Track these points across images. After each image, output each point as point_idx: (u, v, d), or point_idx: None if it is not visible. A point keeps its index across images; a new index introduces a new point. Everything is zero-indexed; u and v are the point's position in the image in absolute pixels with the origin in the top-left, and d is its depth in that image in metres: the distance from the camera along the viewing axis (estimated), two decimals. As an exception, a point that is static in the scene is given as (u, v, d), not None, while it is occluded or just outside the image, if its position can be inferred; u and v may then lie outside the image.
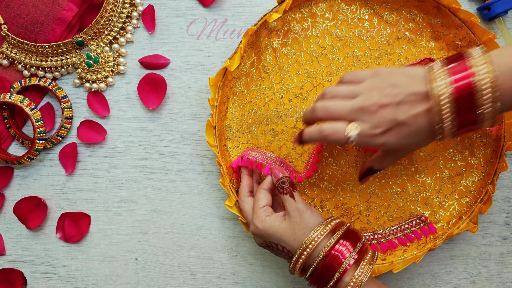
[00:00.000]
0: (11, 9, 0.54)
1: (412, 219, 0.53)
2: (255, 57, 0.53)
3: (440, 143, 0.52)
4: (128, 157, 0.57)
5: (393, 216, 0.53)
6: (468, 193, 0.52)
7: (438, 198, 0.53)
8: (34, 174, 0.58)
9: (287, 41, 0.53)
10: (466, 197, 0.52)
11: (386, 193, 0.53)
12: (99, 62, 0.55)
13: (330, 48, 0.53)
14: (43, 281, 0.58)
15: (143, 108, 0.57)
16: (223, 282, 0.57)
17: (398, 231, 0.53)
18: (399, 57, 0.52)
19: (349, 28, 0.52)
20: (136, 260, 0.57)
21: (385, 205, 0.53)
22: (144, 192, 0.57)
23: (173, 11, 0.56)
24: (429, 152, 0.52)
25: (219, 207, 0.57)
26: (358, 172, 0.50)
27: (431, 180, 0.53)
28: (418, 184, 0.53)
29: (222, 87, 0.52)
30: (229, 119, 0.54)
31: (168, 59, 0.56)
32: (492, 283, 0.55)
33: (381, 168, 0.47)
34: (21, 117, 0.58)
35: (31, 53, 0.55)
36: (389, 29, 0.52)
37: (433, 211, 0.53)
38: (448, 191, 0.53)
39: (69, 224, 0.57)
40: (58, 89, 0.56)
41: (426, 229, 0.53)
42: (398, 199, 0.53)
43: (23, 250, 0.58)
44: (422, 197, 0.53)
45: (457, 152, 0.52)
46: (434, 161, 0.52)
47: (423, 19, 0.51)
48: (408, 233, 0.53)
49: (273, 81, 0.53)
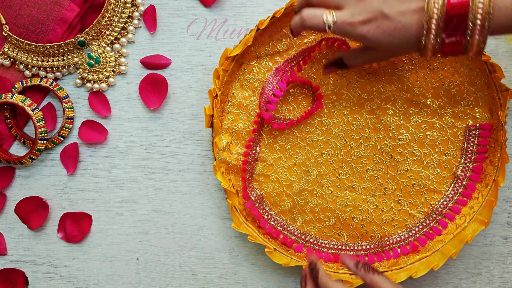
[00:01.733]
0: (12, 10, 0.54)
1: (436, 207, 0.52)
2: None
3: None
4: (130, 157, 0.57)
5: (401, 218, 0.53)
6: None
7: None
8: (35, 174, 0.58)
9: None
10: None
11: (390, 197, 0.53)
12: (101, 62, 0.55)
13: None
14: (44, 281, 0.58)
15: (144, 108, 0.57)
16: (224, 282, 0.57)
17: (411, 235, 0.53)
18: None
19: None
20: (137, 260, 0.58)
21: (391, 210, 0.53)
22: (145, 192, 0.57)
23: (174, 11, 0.56)
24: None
25: (220, 207, 0.57)
26: (325, 62, 0.48)
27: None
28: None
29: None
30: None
31: (169, 59, 0.56)
32: (493, 283, 0.55)
33: (351, 65, 0.45)
34: (23, 117, 0.58)
35: (32, 53, 0.55)
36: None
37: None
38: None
39: (71, 224, 0.57)
40: (60, 89, 0.56)
41: (439, 227, 0.52)
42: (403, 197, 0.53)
43: (24, 250, 0.58)
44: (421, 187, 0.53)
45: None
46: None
47: None
48: (428, 230, 0.53)
49: None
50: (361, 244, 0.54)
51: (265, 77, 0.53)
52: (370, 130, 0.53)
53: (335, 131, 0.53)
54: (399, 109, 0.52)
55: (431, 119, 0.52)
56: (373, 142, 0.53)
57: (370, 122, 0.53)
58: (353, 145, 0.53)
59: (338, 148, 0.53)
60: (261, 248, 0.56)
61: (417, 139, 0.52)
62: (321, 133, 0.53)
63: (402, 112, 0.52)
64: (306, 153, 0.54)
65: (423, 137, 0.52)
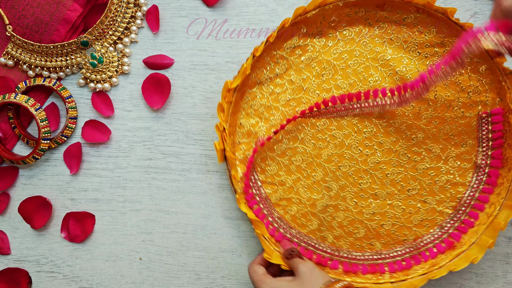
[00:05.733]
0: (16, 10, 0.54)
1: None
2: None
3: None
4: (133, 157, 0.57)
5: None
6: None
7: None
8: (39, 174, 0.58)
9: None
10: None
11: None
12: (104, 62, 0.56)
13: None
14: (48, 281, 0.58)
15: (147, 108, 0.57)
16: (227, 282, 0.57)
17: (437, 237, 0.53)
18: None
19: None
20: (140, 260, 0.58)
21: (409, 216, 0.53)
22: (148, 192, 0.57)
23: (177, 11, 0.56)
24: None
25: (223, 207, 0.57)
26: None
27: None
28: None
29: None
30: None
31: (172, 59, 0.56)
32: (497, 283, 0.55)
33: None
34: (26, 117, 0.58)
35: (35, 53, 0.55)
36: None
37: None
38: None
39: (74, 224, 0.57)
40: (63, 89, 0.56)
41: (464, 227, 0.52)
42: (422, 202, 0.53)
43: (28, 249, 0.58)
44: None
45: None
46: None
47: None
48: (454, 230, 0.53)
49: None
50: (396, 250, 0.54)
51: (269, 101, 0.53)
52: (382, 134, 0.52)
53: (348, 142, 0.53)
54: (407, 109, 0.52)
55: (441, 113, 0.51)
56: (387, 146, 0.52)
57: (381, 126, 0.52)
58: (368, 153, 0.53)
59: (354, 159, 0.53)
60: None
61: (431, 135, 0.52)
62: (334, 146, 0.53)
63: (410, 111, 0.52)
64: (323, 169, 0.53)
65: (437, 132, 0.52)
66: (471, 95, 0.51)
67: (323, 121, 0.53)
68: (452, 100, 0.51)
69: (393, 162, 0.53)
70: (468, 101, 0.51)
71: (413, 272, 0.52)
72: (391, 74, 0.52)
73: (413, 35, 0.51)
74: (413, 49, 0.51)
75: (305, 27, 0.52)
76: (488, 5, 0.53)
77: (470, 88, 0.51)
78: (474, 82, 0.50)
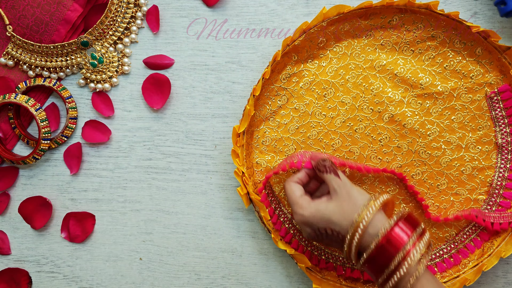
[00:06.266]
0: (16, 10, 0.54)
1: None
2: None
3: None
4: (133, 157, 0.57)
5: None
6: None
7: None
8: (39, 174, 0.58)
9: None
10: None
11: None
12: (104, 62, 0.56)
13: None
14: (48, 281, 0.58)
15: (147, 108, 0.57)
16: (227, 282, 0.57)
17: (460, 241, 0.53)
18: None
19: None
20: (140, 260, 0.58)
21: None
22: (148, 192, 0.57)
23: (177, 11, 0.56)
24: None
25: (223, 207, 0.57)
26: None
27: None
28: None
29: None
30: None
31: (172, 59, 0.56)
32: (497, 283, 0.55)
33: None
34: (26, 117, 0.58)
35: (36, 53, 0.55)
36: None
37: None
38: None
39: (74, 224, 0.57)
40: (63, 89, 0.56)
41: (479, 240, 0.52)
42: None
43: (28, 249, 0.58)
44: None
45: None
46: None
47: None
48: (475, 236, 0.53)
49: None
50: (441, 248, 0.53)
51: (278, 134, 0.54)
52: (397, 138, 0.52)
53: (367, 154, 0.53)
54: (416, 107, 0.52)
55: (449, 103, 0.52)
56: (406, 149, 0.53)
57: (394, 131, 0.52)
58: (388, 160, 0.53)
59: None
60: (263, 248, 0.56)
61: (446, 127, 0.52)
62: (354, 161, 0.53)
63: (419, 109, 0.52)
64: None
65: (450, 123, 0.52)
66: (474, 79, 0.51)
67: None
68: (457, 88, 0.51)
69: (415, 163, 0.53)
70: (472, 85, 0.51)
71: (463, 267, 0.52)
72: (391, 78, 0.52)
73: (402, 35, 0.51)
74: (405, 49, 0.52)
75: (296, 54, 0.52)
76: (488, 5, 0.53)
77: (471, 72, 0.51)
78: (474, 66, 0.51)
